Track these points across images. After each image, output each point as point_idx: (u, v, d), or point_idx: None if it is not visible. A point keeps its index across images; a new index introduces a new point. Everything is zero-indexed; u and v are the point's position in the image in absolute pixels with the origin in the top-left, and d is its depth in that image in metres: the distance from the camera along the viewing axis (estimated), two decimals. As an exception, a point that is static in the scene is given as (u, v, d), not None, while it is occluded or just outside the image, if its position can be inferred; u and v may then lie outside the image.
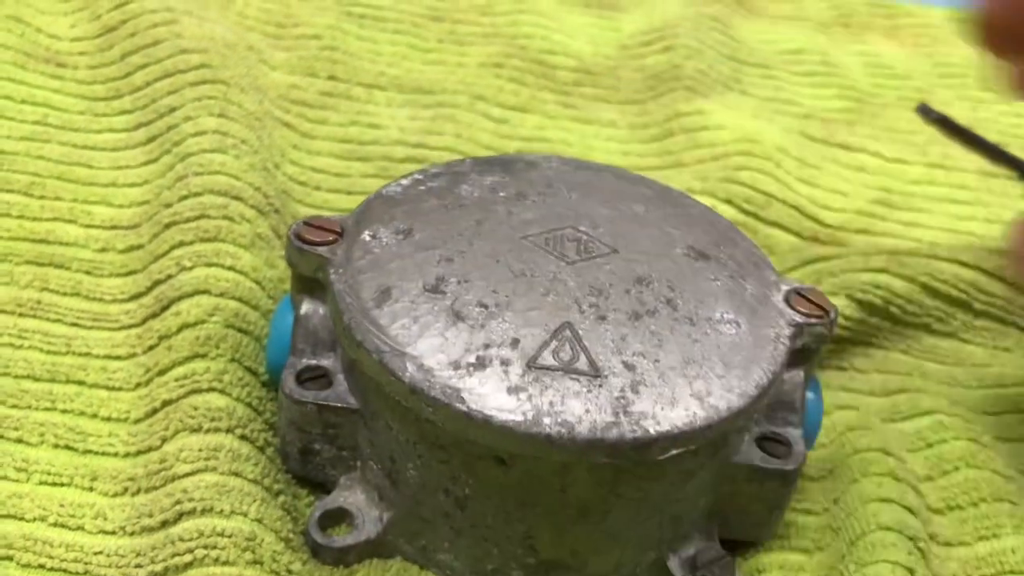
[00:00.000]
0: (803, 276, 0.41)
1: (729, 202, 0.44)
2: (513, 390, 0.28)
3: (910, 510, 0.33)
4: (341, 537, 0.30)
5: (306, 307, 0.32)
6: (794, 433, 0.32)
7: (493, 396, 0.28)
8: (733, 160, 0.47)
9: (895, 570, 0.31)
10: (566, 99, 0.51)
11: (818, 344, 0.32)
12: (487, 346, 0.28)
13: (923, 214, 0.47)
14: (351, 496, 0.31)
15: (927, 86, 0.56)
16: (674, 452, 0.28)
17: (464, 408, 0.27)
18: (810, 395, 0.33)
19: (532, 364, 0.28)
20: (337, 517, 0.31)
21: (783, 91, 0.54)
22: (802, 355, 0.32)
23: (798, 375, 0.32)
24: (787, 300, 0.32)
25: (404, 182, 0.34)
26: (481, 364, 0.28)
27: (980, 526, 0.34)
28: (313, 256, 0.31)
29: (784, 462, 0.31)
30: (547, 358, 0.28)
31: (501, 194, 0.33)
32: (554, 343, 0.29)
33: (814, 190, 0.46)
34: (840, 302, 0.40)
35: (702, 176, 0.46)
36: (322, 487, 0.32)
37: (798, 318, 0.32)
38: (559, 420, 0.27)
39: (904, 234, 0.46)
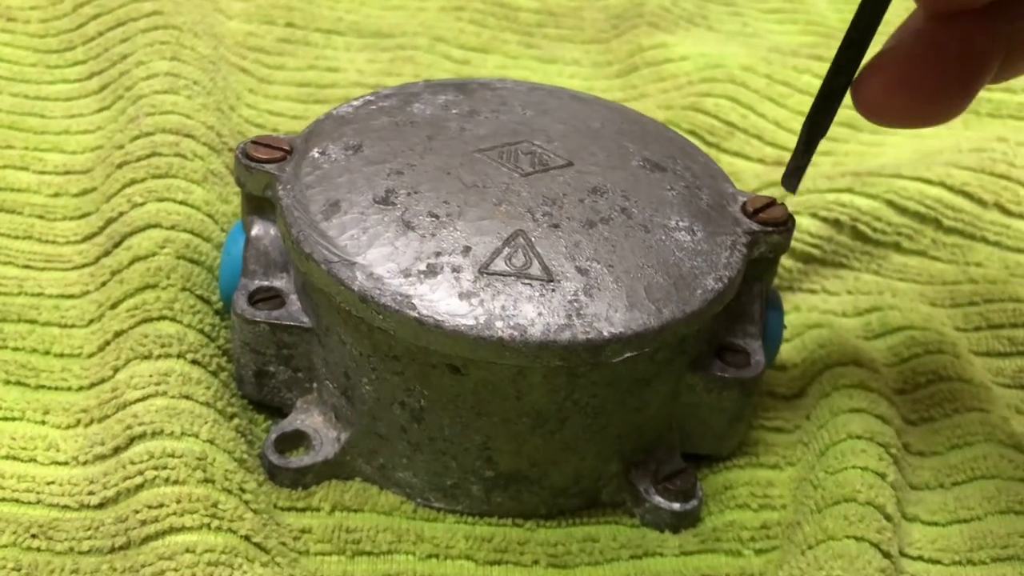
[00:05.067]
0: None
1: (692, 133, 0.44)
2: (465, 295, 0.27)
3: (882, 419, 0.33)
4: (298, 458, 0.30)
5: (257, 228, 0.31)
6: (753, 344, 0.32)
7: (444, 302, 0.27)
8: (697, 88, 0.46)
9: (865, 475, 0.31)
10: (528, 40, 0.50)
11: (776, 254, 0.32)
12: (438, 254, 0.28)
13: (887, 135, 0.46)
14: (308, 418, 0.31)
15: (897, 20, 0.56)
16: (628, 355, 0.27)
17: (415, 314, 0.27)
18: (770, 307, 0.33)
19: (484, 270, 0.28)
20: (294, 440, 0.30)
21: (749, 27, 0.53)
22: (760, 265, 0.32)
23: (757, 286, 0.32)
24: (744, 210, 0.32)
25: (355, 103, 0.33)
26: (432, 271, 0.28)
27: (953, 435, 0.34)
28: (261, 174, 0.30)
29: (742, 371, 0.31)
30: (499, 264, 0.28)
31: (454, 111, 0.33)
32: (506, 250, 0.28)
33: (780, 110, 0.46)
34: (805, 221, 0.39)
35: (666, 105, 0.45)
36: (279, 412, 0.31)
37: (755, 227, 0.31)
38: (511, 324, 0.27)
39: (867, 153, 0.45)
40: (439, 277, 0.27)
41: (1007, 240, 0.41)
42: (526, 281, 0.28)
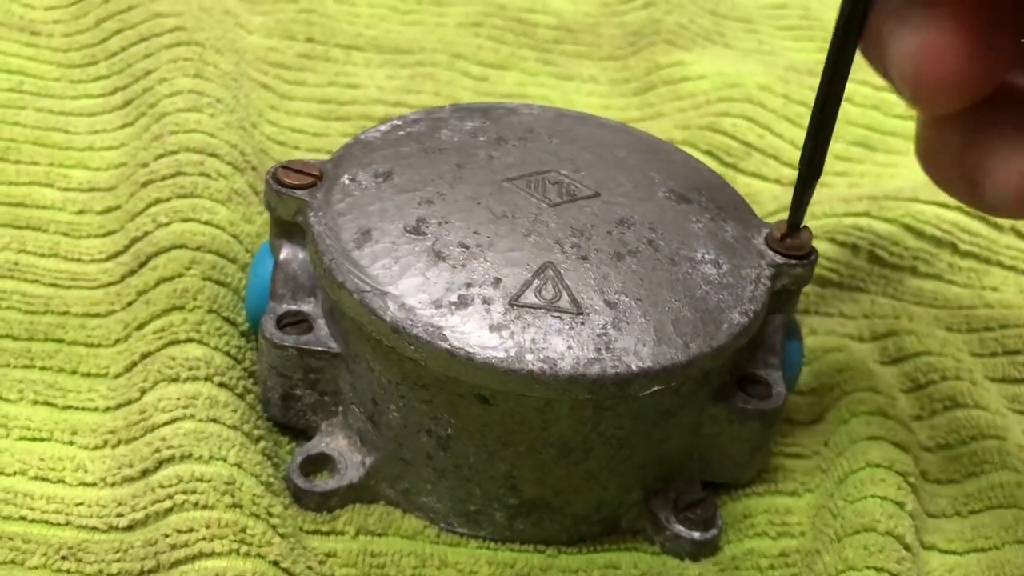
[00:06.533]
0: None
1: (710, 153, 0.44)
2: (495, 327, 0.27)
3: (900, 446, 0.33)
4: (323, 482, 0.30)
5: (285, 252, 0.31)
6: (774, 375, 0.32)
7: (475, 334, 0.27)
8: (715, 107, 0.46)
9: (884, 504, 0.31)
10: (546, 56, 0.50)
11: (799, 286, 0.32)
12: (469, 285, 0.28)
13: (901, 156, 0.46)
14: (333, 441, 0.31)
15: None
16: (655, 389, 0.28)
17: (447, 346, 0.27)
18: (791, 338, 0.33)
19: (514, 302, 0.28)
20: (319, 463, 0.31)
21: (765, 44, 0.53)
22: (783, 297, 0.32)
23: (779, 317, 0.32)
24: (768, 242, 0.32)
25: (383, 127, 0.33)
26: (463, 303, 0.28)
27: (969, 463, 0.34)
28: (292, 199, 0.31)
29: (764, 403, 0.31)
30: (529, 296, 0.28)
31: (481, 139, 0.33)
32: (536, 282, 0.29)
33: (796, 130, 0.46)
34: (822, 245, 0.40)
35: (683, 125, 0.45)
36: (304, 434, 0.32)
37: (779, 259, 0.32)
38: (541, 356, 0.27)
39: (882, 175, 0.45)
40: (470, 309, 0.28)
41: (1023, 264, 0.42)
42: (556, 314, 0.28)
